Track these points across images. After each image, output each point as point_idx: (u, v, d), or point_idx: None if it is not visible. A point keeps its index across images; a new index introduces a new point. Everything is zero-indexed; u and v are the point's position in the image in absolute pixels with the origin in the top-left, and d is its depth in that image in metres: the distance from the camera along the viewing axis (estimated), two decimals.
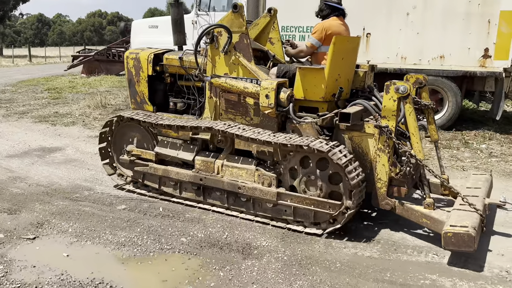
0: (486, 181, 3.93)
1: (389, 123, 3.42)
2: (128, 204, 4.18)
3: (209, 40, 4.13)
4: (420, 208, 3.45)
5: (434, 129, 3.95)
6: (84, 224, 3.73)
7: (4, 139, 6.74)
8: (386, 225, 3.81)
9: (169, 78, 4.77)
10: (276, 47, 4.79)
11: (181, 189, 4.22)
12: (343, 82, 4.00)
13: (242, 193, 3.86)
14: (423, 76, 3.83)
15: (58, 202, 4.20)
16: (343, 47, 3.84)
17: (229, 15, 4.02)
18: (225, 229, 3.68)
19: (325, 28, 4.08)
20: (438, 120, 7.34)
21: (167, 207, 4.11)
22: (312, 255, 3.27)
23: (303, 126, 3.77)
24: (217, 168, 4.00)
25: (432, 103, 3.88)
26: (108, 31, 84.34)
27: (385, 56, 7.43)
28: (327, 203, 3.52)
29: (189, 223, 3.78)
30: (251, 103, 4.07)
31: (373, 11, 7.41)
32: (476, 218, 3.16)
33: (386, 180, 3.51)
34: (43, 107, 9.55)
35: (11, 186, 4.64)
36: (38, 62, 27.82)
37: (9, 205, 4.12)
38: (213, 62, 4.21)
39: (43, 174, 5.06)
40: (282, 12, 7.64)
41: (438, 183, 3.88)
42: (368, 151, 3.60)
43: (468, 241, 2.95)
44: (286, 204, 3.69)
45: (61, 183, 4.77)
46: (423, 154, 3.46)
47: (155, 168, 4.30)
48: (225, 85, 4.11)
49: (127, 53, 4.89)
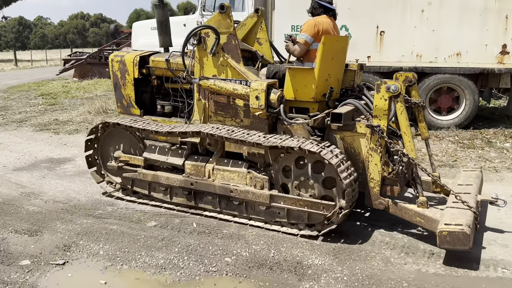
0: (477, 178, 3.95)
1: (380, 123, 3.40)
2: (158, 220, 3.89)
3: (197, 42, 4.06)
4: (413, 207, 3.45)
5: (424, 127, 3.95)
6: (116, 245, 3.43)
7: (8, 151, 6.38)
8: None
9: (156, 80, 4.68)
10: (264, 47, 4.74)
11: (171, 194, 4.14)
12: (333, 82, 3.98)
13: (234, 196, 3.80)
14: (412, 74, 3.82)
15: (81, 221, 3.89)
16: (333, 46, 3.81)
17: (216, 16, 3.96)
18: (269, 246, 3.41)
19: (316, 23, 4.00)
20: (455, 119, 7.37)
21: (200, 222, 3.84)
22: (373, 273, 3.02)
23: (295, 127, 3.73)
24: (208, 171, 3.93)
25: (422, 101, 3.88)
26: (92, 33, 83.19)
27: (400, 55, 7.26)
28: (321, 204, 3.48)
29: (229, 240, 3.51)
30: (241, 104, 4.01)
31: (386, 9, 7.21)
32: (470, 216, 3.16)
33: (379, 179, 3.49)
34: (41, 114, 9.23)
35: (26, 204, 4.32)
36: (24, 66, 26.64)
37: (28, 226, 3.80)
38: (201, 63, 4.14)
39: (58, 189, 4.74)
40: (291, 11, 7.47)
41: (429, 181, 3.88)
42: (360, 151, 3.58)
43: (464, 239, 2.95)
44: (279, 206, 3.64)
45: (79, 199, 4.45)
46: (415, 153, 3.45)
47: (144, 174, 4.21)
48: (214, 87, 4.04)
49: (111, 56, 4.78)
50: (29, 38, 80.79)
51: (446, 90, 7.36)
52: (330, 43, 3.77)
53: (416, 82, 3.92)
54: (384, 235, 3.61)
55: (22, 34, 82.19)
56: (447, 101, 7.43)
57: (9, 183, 4.92)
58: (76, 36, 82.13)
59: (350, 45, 7.09)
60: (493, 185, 4.67)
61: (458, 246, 2.99)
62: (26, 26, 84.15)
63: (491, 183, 4.77)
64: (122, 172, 4.35)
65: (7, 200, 4.41)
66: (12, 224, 3.84)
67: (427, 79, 7.28)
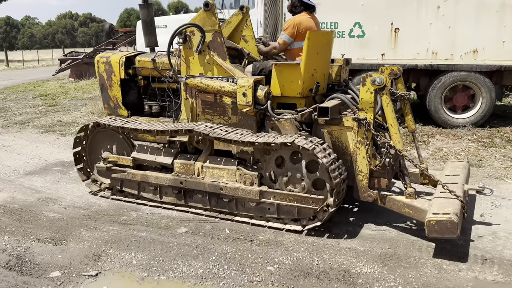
0: (464, 168, 4.00)
1: (367, 115, 3.43)
2: (188, 227, 3.72)
3: (182, 40, 4.05)
4: (402, 198, 3.48)
5: (411, 119, 3.98)
6: (148, 254, 3.26)
7: (15, 154, 6.15)
8: (484, 239, 3.43)
9: (143, 81, 4.67)
10: (250, 45, 4.75)
11: (161, 193, 4.13)
12: (320, 77, 4.00)
13: (224, 193, 3.80)
14: (397, 68, 3.86)
15: (107, 228, 3.71)
16: (318, 41, 3.83)
17: (201, 14, 3.96)
18: (311, 253, 3.23)
19: (296, 24, 4.05)
20: (471, 118, 7.24)
21: (232, 228, 3.68)
22: (428, 282, 2.86)
23: (282, 123, 3.74)
24: (197, 170, 3.92)
25: (408, 93, 3.92)
26: (81, 32, 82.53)
27: (415, 52, 7.11)
28: (310, 198, 3.50)
29: (268, 247, 3.34)
30: (229, 102, 4.01)
31: (401, 5, 7.05)
32: (457, 205, 3.20)
33: (367, 172, 3.52)
34: (43, 116, 9.04)
35: (45, 210, 4.11)
36: (15, 66, 26.43)
37: (51, 234, 3.61)
38: (187, 62, 4.13)
39: (75, 194, 4.53)
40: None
41: (417, 173, 3.92)
42: (348, 144, 3.60)
43: (451, 228, 2.98)
44: (269, 202, 3.65)
45: (100, 204, 4.26)
46: (402, 145, 3.49)
47: (133, 174, 4.19)
48: (200, 85, 4.04)
49: (97, 58, 4.75)
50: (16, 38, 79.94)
51: (461, 88, 7.22)
52: (315, 38, 3.79)
53: (430, 80, 3.89)
54: (423, 240, 3.41)
55: (10, 34, 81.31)
56: (462, 99, 7.26)
57: (23, 188, 4.71)
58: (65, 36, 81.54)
59: (364, 43, 7.26)
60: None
61: (446, 234, 3.02)
62: (13, 26, 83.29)
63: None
64: (111, 172, 4.33)
65: (24, 206, 4.21)
66: (34, 232, 3.64)
67: (443, 77, 7.13)
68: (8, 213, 4.06)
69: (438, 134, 6.89)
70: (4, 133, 7.56)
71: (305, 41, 3.69)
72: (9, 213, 4.05)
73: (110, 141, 4.42)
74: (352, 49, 7.21)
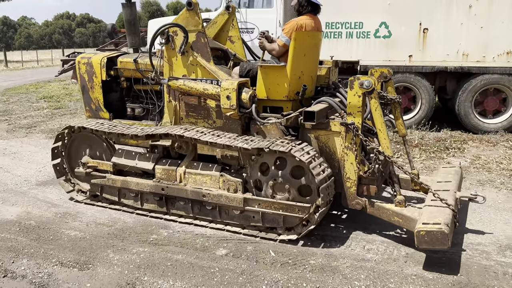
0: (456, 174, 3.86)
1: (355, 120, 3.29)
2: (227, 247, 3.34)
3: (164, 41, 3.89)
4: (391, 206, 3.34)
5: (401, 123, 3.84)
6: (189, 282, 2.89)
7: (25, 161, 5.70)
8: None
9: (125, 82, 4.51)
10: (237, 45, 4.60)
11: (142, 200, 3.96)
12: (307, 79, 3.85)
13: (207, 201, 3.64)
14: (387, 70, 3.72)
15: (137, 249, 3.32)
16: (305, 43, 3.69)
17: (184, 13, 3.80)
18: (374, 282, 2.88)
19: (298, 27, 3.85)
20: (504, 122, 6.92)
21: (277, 250, 3.30)
22: None
23: (268, 127, 3.59)
24: (179, 176, 3.76)
25: (398, 97, 3.78)
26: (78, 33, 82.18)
27: (445, 53, 6.80)
28: (296, 206, 3.35)
29: (323, 274, 2.97)
30: (213, 105, 3.86)
31: (430, 4, 6.72)
32: (448, 214, 3.06)
33: (355, 179, 3.38)
34: (49, 119, 8.59)
35: (64, 227, 3.73)
36: (14, 67, 25.46)
37: (75, 256, 3.23)
38: (170, 63, 3.97)
39: (95, 208, 4.13)
40: (325, 7, 7.03)
41: (408, 179, 3.78)
42: (336, 149, 3.45)
43: (442, 239, 2.84)
44: (253, 210, 3.50)
45: (125, 220, 3.86)
46: (391, 151, 3.34)
47: (114, 180, 4.02)
48: (183, 87, 3.88)
49: (78, 58, 4.58)
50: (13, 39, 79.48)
51: (492, 92, 6.91)
52: (302, 39, 3.64)
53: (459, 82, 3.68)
54: (497, 265, 3.06)
55: (6, 35, 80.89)
56: (494, 103, 6.94)
57: (37, 201, 4.31)
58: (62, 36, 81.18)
59: (390, 44, 7.01)
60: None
61: (437, 246, 2.88)
62: (10, 26, 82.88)
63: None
64: (91, 178, 4.16)
65: (42, 223, 3.82)
66: (55, 254, 3.26)
67: (474, 79, 6.81)
68: (25, 231, 3.67)
69: (470, 140, 6.53)
70: (10, 138, 7.13)
71: (292, 42, 3.55)
72: (25, 232, 3.65)
73: (90, 145, 4.25)
74: (377, 50, 7.00)
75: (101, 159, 4.23)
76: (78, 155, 4.34)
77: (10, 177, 5.09)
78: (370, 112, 3.47)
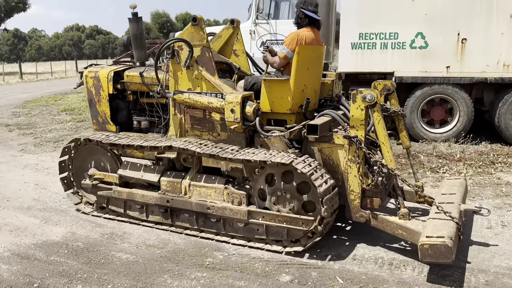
0: (460, 186, 3.85)
1: (358, 133, 3.30)
2: (290, 273, 3.14)
3: (170, 55, 3.96)
4: (395, 219, 3.34)
5: (405, 136, 3.84)
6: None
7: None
8: None
9: (131, 96, 4.58)
10: (241, 59, 4.66)
11: (147, 212, 4.00)
12: (310, 92, 3.89)
13: (211, 213, 3.67)
14: (390, 83, 3.74)
15: (195, 274, 3.14)
16: (307, 56, 3.73)
17: (189, 28, 3.87)
18: None
19: (299, 39, 3.90)
20: None
21: (343, 275, 3.11)
22: None
23: (271, 140, 3.63)
24: (184, 188, 3.80)
25: (402, 109, 3.79)
26: (87, 44, 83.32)
27: (484, 64, 6.61)
28: (300, 219, 3.36)
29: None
30: (217, 118, 3.91)
31: (469, 14, 6.55)
32: (452, 227, 3.05)
33: (359, 191, 3.38)
34: (74, 132, 8.48)
35: (114, 249, 3.56)
36: (29, 79, 25.93)
37: (131, 282, 3.05)
38: (175, 77, 4.03)
39: (141, 228, 3.97)
40: (359, 18, 6.93)
41: (413, 191, 3.78)
42: (339, 162, 3.47)
43: (446, 252, 2.83)
44: (257, 222, 3.51)
45: (175, 241, 3.70)
46: (395, 163, 3.35)
47: (119, 192, 4.06)
48: (188, 100, 3.94)
49: (85, 72, 4.67)
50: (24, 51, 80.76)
51: None
52: (305, 53, 3.69)
53: (497, 94, 3.56)
54: None
55: (17, 47, 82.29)
56: None
57: (80, 221, 4.17)
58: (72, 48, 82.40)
59: (427, 54, 6.85)
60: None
61: (441, 259, 2.87)
62: (21, 38, 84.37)
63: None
64: (97, 190, 4.21)
65: (90, 245, 3.67)
66: (110, 280, 3.10)
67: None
68: (74, 254, 3.51)
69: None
70: (40, 152, 7.04)
71: (294, 56, 3.59)
72: (74, 254, 3.50)
73: (97, 157, 4.31)
74: (413, 61, 6.86)
75: (107, 171, 4.28)
76: (84, 168, 4.39)
77: (48, 195, 4.96)
78: (373, 125, 3.49)
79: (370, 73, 7.15)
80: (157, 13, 65.21)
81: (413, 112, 7.07)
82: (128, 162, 4.16)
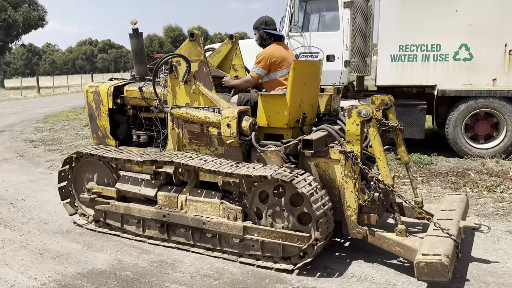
0: (461, 202, 3.79)
1: (354, 148, 3.28)
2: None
3: (168, 70, 3.99)
4: (392, 235, 3.28)
5: (403, 150, 3.80)
6: None
7: None
8: None
9: (131, 110, 4.62)
10: (240, 74, 4.68)
11: (144, 227, 3.99)
12: (307, 107, 3.88)
13: (207, 228, 3.64)
14: (388, 97, 3.72)
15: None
16: (303, 71, 3.73)
17: (187, 44, 3.91)
18: None
19: (268, 56, 4.00)
20: None
21: None
22: None
23: (268, 154, 3.61)
24: (180, 203, 3.79)
25: (400, 124, 3.76)
26: (100, 58, 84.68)
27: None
28: (296, 235, 3.32)
29: None
30: (215, 133, 3.91)
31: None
32: (449, 245, 2.99)
33: (355, 207, 3.34)
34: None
35: (167, 280, 3.29)
36: (46, 93, 26.15)
37: None
38: (173, 92, 4.06)
39: (192, 255, 3.70)
40: (399, 29, 6.71)
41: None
42: (335, 177, 3.44)
43: (442, 271, 2.77)
44: (253, 238, 3.48)
45: (230, 270, 3.42)
46: (391, 179, 3.31)
47: (117, 206, 4.07)
48: (185, 115, 3.95)
49: (86, 87, 4.73)
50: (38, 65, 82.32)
51: None
52: (301, 68, 3.69)
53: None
54: None
55: (32, 61, 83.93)
56: None
57: (125, 246, 3.90)
58: (85, 62, 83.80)
59: (472, 67, 6.60)
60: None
61: (437, 277, 2.81)
62: (35, 53, 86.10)
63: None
64: (95, 204, 4.22)
65: (139, 274, 3.39)
66: None
67: None
68: (124, 285, 3.24)
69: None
70: None
71: (291, 71, 3.59)
72: (125, 286, 3.23)
73: (95, 171, 4.33)
74: (457, 73, 6.61)
75: (106, 185, 4.30)
76: (83, 180, 4.41)
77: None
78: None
79: (409, 86, 7.00)
80: (169, 27, 65.98)
81: (456, 126, 6.82)
82: (126, 176, 4.17)
